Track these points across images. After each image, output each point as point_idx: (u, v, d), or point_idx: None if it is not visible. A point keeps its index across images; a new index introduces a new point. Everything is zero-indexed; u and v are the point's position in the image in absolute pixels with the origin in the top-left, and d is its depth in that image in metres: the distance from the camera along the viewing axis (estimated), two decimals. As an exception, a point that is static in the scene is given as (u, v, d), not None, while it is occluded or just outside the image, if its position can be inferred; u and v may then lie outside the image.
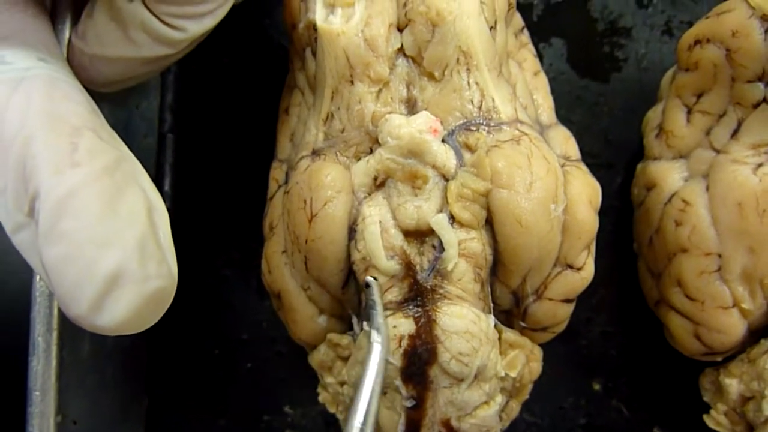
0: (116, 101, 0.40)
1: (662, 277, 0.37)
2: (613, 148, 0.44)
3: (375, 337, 0.29)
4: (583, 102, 0.44)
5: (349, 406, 0.28)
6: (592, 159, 0.44)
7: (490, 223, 0.31)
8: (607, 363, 0.43)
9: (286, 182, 0.35)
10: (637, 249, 0.40)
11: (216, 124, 0.44)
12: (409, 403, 0.30)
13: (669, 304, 0.36)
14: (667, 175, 0.37)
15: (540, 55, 0.44)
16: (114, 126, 0.39)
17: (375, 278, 0.30)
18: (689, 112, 0.37)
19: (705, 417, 0.38)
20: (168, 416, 0.43)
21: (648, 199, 0.38)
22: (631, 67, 0.45)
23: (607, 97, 0.45)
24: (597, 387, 0.43)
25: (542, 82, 0.36)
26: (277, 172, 0.37)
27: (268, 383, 0.43)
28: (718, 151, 0.35)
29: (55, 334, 0.34)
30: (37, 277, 0.34)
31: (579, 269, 0.33)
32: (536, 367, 0.35)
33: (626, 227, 0.42)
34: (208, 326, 0.44)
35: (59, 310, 0.34)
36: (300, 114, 0.36)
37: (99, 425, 0.39)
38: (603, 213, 0.43)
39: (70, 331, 0.35)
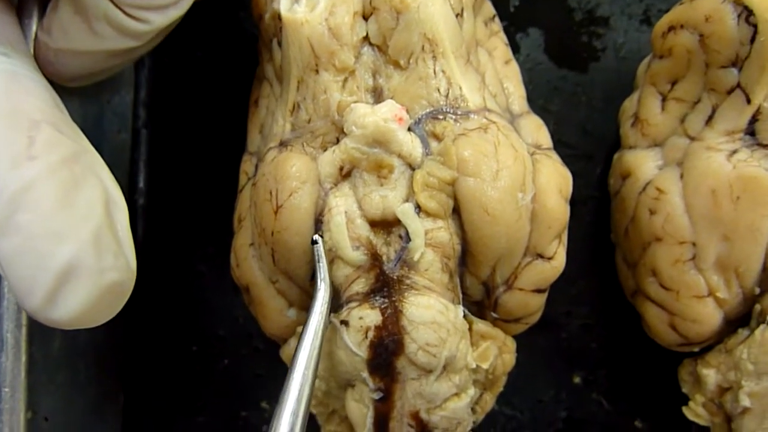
0: (87, 96, 0.39)
1: (638, 267, 0.36)
2: (592, 139, 0.44)
3: (320, 285, 0.30)
4: (561, 92, 0.44)
5: (295, 348, 0.28)
6: (570, 150, 0.43)
7: (457, 212, 0.31)
8: (587, 356, 0.43)
9: (255, 175, 0.35)
10: (614, 239, 0.40)
11: (190, 118, 0.44)
12: (376, 396, 0.30)
13: (645, 294, 0.36)
14: (642, 163, 0.37)
15: (517, 46, 0.44)
16: (85, 121, 0.39)
17: (321, 237, 0.30)
18: (664, 99, 0.37)
19: (684, 409, 0.38)
20: (145, 414, 0.43)
21: (623, 189, 0.38)
22: (610, 56, 0.44)
23: (585, 87, 0.44)
24: (577, 380, 0.43)
25: (513, 71, 0.36)
26: (247, 165, 0.36)
27: (245, 379, 0.43)
28: (692, 139, 0.35)
29: (24, 330, 0.34)
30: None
31: (550, 259, 0.32)
32: (509, 358, 0.34)
33: (605, 218, 0.42)
34: (184, 323, 0.43)
35: (27, 306, 0.34)
36: (269, 105, 0.35)
37: (73, 423, 0.38)
38: (582, 204, 0.43)
39: (40, 327, 0.35)
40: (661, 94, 0.37)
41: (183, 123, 0.44)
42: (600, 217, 0.43)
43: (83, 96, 0.39)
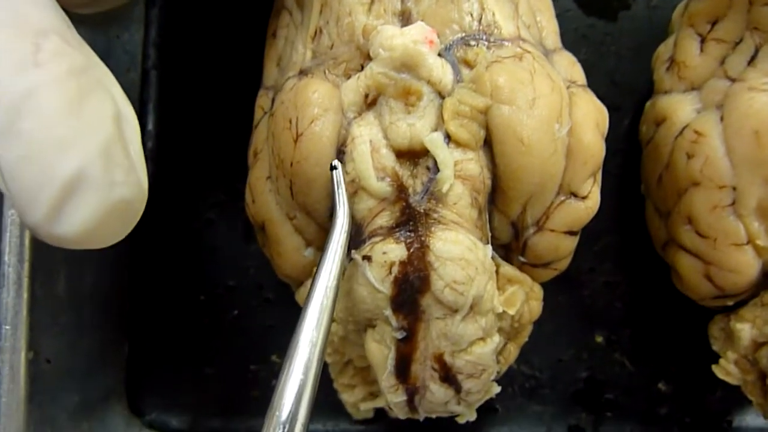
0: (96, 29, 0.38)
1: (671, 216, 0.35)
2: (620, 90, 0.42)
3: (339, 212, 0.28)
4: (589, 41, 0.42)
5: (314, 273, 0.27)
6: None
7: (489, 144, 0.29)
8: (610, 314, 0.41)
9: (273, 106, 0.33)
10: (645, 190, 0.38)
11: (201, 60, 0.42)
12: (399, 335, 0.28)
13: (678, 243, 0.34)
14: (679, 107, 0.35)
15: (545, -9, 0.42)
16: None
17: (338, 165, 0.29)
18: (703, 41, 0.35)
19: (714, 367, 0.36)
20: (150, 364, 0.41)
21: (657, 135, 0.36)
22: (641, 5, 0.42)
23: (614, 37, 0.42)
24: (599, 339, 0.41)
25: (546, 5, 0.34)
26: (263, 100, 0.35)
27: (255, 331, 0.41)
28: (733, 80, 0.33)
29: (27, 265, 0.33)
30: (7, 204, 0.32)
31: (584, 198, 0.30)
32: (536, 306, 0.33)
33: (633, 171, 0.40)
34: (192, 271, 0.42)
35: (32, 241, 0.33)
36: (288, 35, 0.34)
37: (76, 368, 0.37)
38: (609, 157, 0.41)
39: (43, 263, 0.34)
40: (700, 36, 0.35)
41: (193, 64, 0.42)
42: (627, 170, 0.41)
43: (92, 27, 0.37)
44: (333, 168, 0.28)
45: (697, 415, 0.41)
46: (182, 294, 0.41)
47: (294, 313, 0.41)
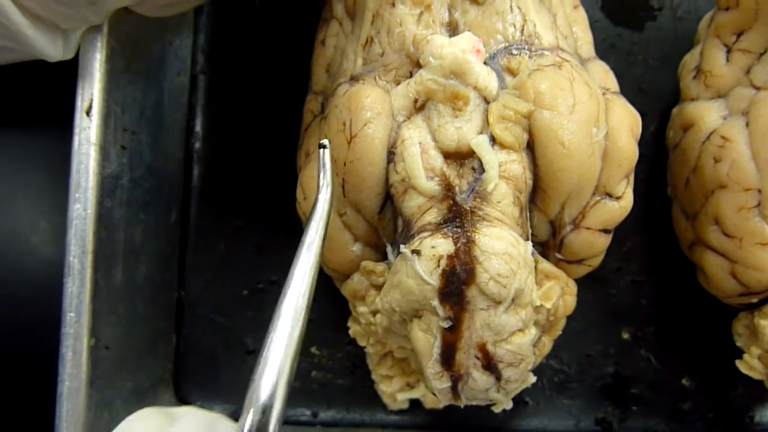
0: (153, 36, 0.40)
1: (698, 217, 0.36)
2: (647, 97, 0.44)
3: (323, 185, 0.29)
4: (617, 50, 0.44)
5: (300, 240, 0.28)
6: (627, 104, 0.43)
7: (531, 147, 0.31)
8: (636, 312, 0.43)
9: (322, 112, 0.35)
10: (672, 192, 0.40)
11: (247, 65, 0.44)
12: (445, 324, 0.30)
13: (705, 243, 0.36)
14: (706, 114, 0.37)
15: (574, 2, 0.44)
16: (150, 61, 0.40)
17: (327, 144, 0.30)
18: (728, 51, 0.37)
19: (738, 362, 0.38)
20: (196, 354, 0.43)
21: (684, 140, 0.38)
22: (666, 15, 0.44)
23: (641, 46, 0.44)
24: (626, 336, 0.43)
25: (581, 16, 0.36)
26: (312, 104, 0.37)
27: (295, 324, 0.43)
28: (758, 89, 0.35)
29: (89, 257, 0.35)
30: (72, 199, 0.35)
31: (618, 198, 0.32)
32: (570, 301, 0.34)
33: (659, 175, 0.42)
34: (237, 267, 0.44)
35: (94, 233, 0.35)
36: (337, 44, 0.36)
37: (130, 355, 0.39)
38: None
39: (104, 255, 0.36)
40: (726, 46, 0.37)
41: (240, 69, 0.44)
42: (653, 174, 0.43)
43: (150, 35, 0.39)
44: (322, 146, 0.30)
45: (720, 410, 0.43)
46: (227, 288, 0.44)
47: (332, 309, 0.43)
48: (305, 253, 0.28)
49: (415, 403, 0.42)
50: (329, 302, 0.42)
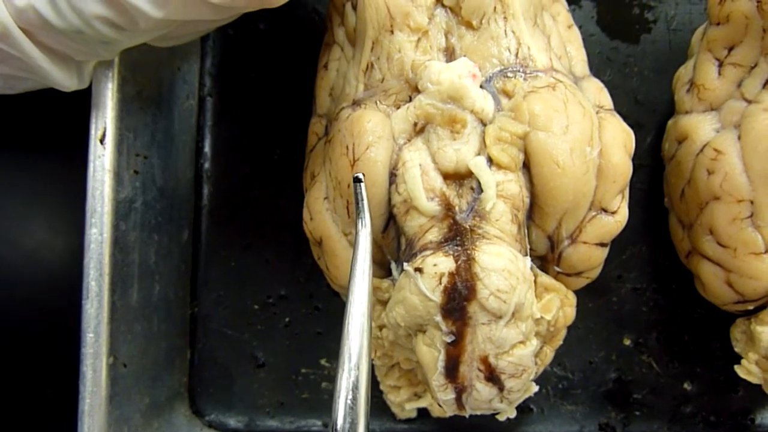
0: (163, 63, 0.41)
1: (693, 228, 0.37)
2: (643, 108, 0.45)
3: (360, 225, 0.31)
4: (613, 63, 0.45)
5: (349, 279, 0.30)
6: (622, 119, 0.44)
7: (527, 166, 0.32)
8: (637, 319, 0.44)
9: (326, 134, 0.37)
10: (668, 203, 0.41)
11: (253, 87, 0.46)
12: (448, 339, 0.31)
13: (701, 253, 0.37)
14: (699, 127, 0.38)
15: (570, 18, 0.45)
16: (161, 86, 0.41)
17: (362, 177, 0.31)
18: (720, 65, 0.38)
19: (736, 367, 0.39)
20: (210, 368, 0.45)
21: (679, 152, 0.39)
22: (661, 28, 0.45)
23: (636, 58, 0.45)
24: (627, 342, 0.44)
25: (575, 35, 0.37)
26: (316, 127, 0.38)
27: (305, 337, 0.45)
28: (749, 102, 0.36)
29: (106, 279, 0.36)
30: (89, 224, 0.36)
31: (613, 213, 0.33)
32: (570, 312, 0.35)
33: (657, 185, 0.43)
34: (247, 283, 0.45)
35: (110, 256, 0.36)
36: (339, 68, 0.37)
37: (147, 371, 0.40)
38: (633, 171, 0.44)
39: (120, 277, 0.37)
40: (718, 60, 0.38)
41: (246, 91, 0.46)
42: (651, 185, 0.44)
43: (159, 62, 0.41)
44: (357, 180, 0.31)
45: (721, 414, 0.44)
46: (238, 304, 0.45)
47: (341, 321, 0.44)
48: (360, 278, 0.29)
49: (422, 412, 0.44)
50: (338, 317, 0.43)
